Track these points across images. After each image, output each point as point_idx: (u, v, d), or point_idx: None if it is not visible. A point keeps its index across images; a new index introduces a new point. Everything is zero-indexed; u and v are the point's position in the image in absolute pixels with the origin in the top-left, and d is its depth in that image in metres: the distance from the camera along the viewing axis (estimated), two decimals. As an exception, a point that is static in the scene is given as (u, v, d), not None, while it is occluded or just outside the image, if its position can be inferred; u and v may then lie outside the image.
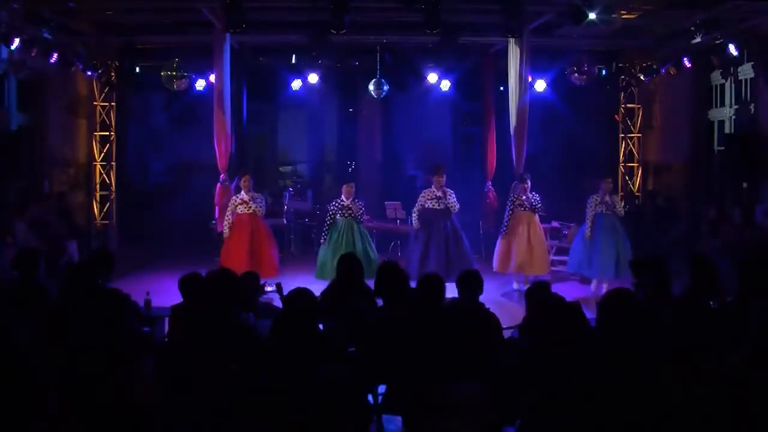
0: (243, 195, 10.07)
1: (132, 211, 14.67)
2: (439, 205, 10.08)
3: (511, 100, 11.04)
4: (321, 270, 10.19)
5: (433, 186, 10.19)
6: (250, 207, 10.02)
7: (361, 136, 16.32)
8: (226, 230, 10.06)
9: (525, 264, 10.39)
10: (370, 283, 6.63)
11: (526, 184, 10.46)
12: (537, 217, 10.60)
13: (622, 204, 11.09)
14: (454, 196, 10.13)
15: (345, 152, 16.57)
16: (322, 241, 10.44)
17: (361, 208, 10.35)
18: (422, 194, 10.27)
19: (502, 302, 9.97)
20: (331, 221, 10.32)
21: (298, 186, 15.73)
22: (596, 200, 10.24)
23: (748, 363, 3.44)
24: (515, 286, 10.69)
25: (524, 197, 10.43)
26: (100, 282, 5.69)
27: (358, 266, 6.13)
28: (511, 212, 10.52)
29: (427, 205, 10.13)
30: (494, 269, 10.55)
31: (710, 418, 3.41)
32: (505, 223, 10.53)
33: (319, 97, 15.37)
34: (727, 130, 11.87)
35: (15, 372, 3.25)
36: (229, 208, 10.11)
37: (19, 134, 11.36)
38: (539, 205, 10.50)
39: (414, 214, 10.32)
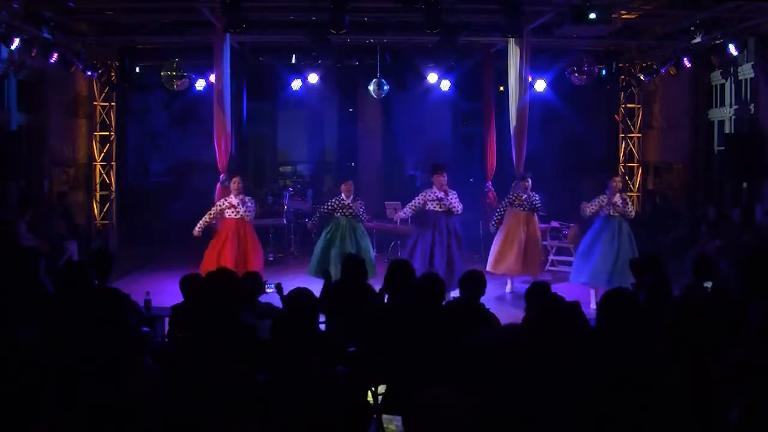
0: (232, 198, 9.58)
1: (132, 211, 14.69)
2: (440, 207, 9.56)
3: (511, 100, 11.04)
4: (315, 267, 9.70)
5: (434, 186, 9.65)
6: (239, 212, 9.52)
7: (361, 136, 16.33)
8: (197, 230, 9.49)
9: (518, 267, 10.20)
10: (371, 283, 6.63)
11: (527, 183, 10.25)
12: (536, 217, 10.44)
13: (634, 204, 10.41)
14: (456, 196, 9.61)
15: (345, 152, 16.59)
16: (310, 223, 10.05)
17: (361, 207, 10.20)
18: (423, 193, 9.74)
19: (502, 302, 9.97)
20: (327, 215, 9.91)
21: (298, 186, 15.76)
22: (602, 201, 9.66)
23: (747, 363, 3.44)
24: (508, 288, 10.56)
25: (524, 196, 10.22)
26: (99, 282, 5.69)
27: (363, 268, 6.10)
28: (504, 209, 10.33)
29: (428, 207, 9.61)
30: (487, 268, 10.17)
31: (710, 417, 3.41)
32: (495, 218, 10.35)
33: (319, 97, 15.39)
34: (727, 130, 11.87)
35: (15, 372, 3.25)
36: (214, 209, 9.63)
37: (19, 134, 11.35)
38: (539, 205, 10.32)
39: (408, 210, 9.80)
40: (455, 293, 6.50)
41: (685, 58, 11.57)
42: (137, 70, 13.27)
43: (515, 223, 10.27)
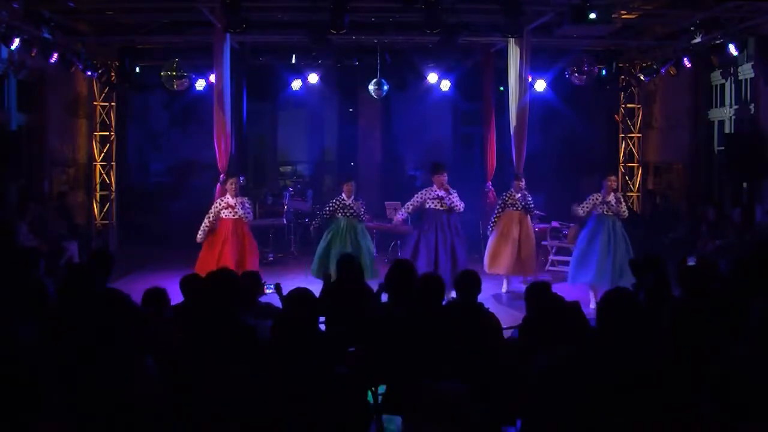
0: (228, 199, 9.47)
1: (132, 211, 14.69)
2: (441, 206, 9.59)
3: (511, 100, 11.05)
4: (317, 267, 9.69)
5: (434, 185, 9.68)
6: (237, 213, 9.42)
7: (361, 136, 16.34)
8: (201, 237, 9.43)
9: (514, 267, 10.19)
10: (372, 283, 6.63)
11: (521, 182, 10.29)
12: (529, 217, 10.43)
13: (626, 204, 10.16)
14: (457, 195, 9.62)
15: (345, 152, 16.60)
16: (312, 227, 10.09)
17: (362, 207, 10.19)
18: (422, 192, 9.76)
19: (501, 302, 9.97)
20: (329, 217, 9.89)
21: (298, 186, 15.76)
22: (596, 199, 9.52)
23: (747, 362, 3.44)
24: (504, 288, 10.53)
25: (518, 196, 10.24)
26: (99, 282, 5.68)
27: (359, 267, 6.11)
28: (500, 210, 10.34)
29: (428, 206, 9.65)
30: (484, 269, 10.14)
31: (711, 418, 3.41)
32: (493, 220, 10.36)
33: (319, 97, 15.40)
34: (727, 130, 11.87)
35: (15, 372, 3.25)
36: (211, 212, 9.48)
37: (19, 134, 11.35)
38: (532, 205, 10.32)
39: (404, 210, 9.87)
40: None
41: (685, 58, 11.57)
42: (137, 70, 13.28)
43: (509, 223, 10.26)
